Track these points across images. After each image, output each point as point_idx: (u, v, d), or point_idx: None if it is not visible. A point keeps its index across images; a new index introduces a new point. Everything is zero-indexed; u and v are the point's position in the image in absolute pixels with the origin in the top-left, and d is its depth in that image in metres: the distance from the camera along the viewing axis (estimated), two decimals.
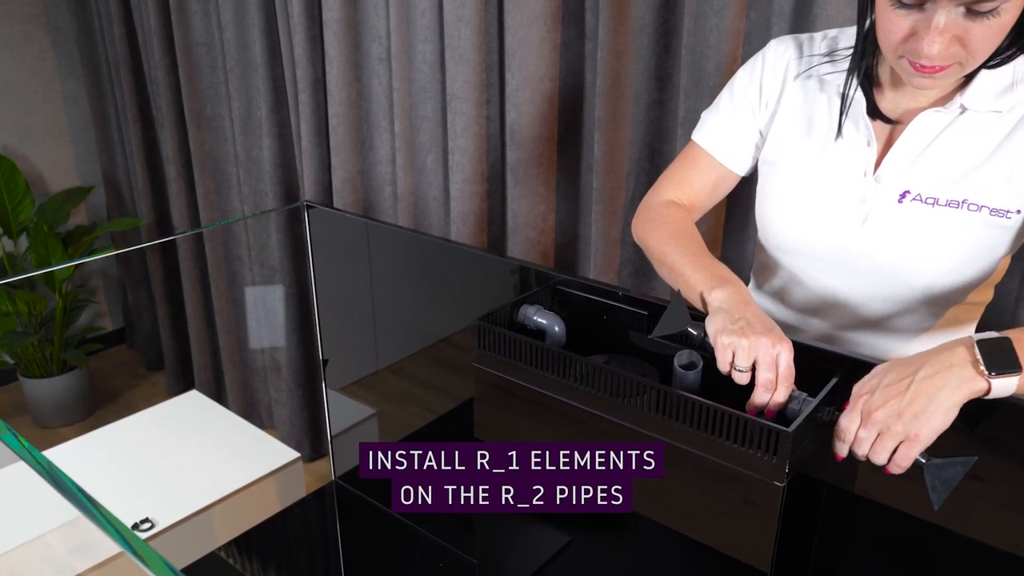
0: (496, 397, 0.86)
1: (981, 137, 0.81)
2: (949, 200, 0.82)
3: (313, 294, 1.30)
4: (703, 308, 0.79)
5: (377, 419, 1.58)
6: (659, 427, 0.73)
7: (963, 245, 0.83)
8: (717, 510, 0.72)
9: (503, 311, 0.88)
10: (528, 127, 1.59)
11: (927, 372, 0.64)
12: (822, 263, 0.92)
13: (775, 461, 0.66)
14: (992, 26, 0.70)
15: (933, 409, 0.63)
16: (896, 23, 0.73)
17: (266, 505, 1.61)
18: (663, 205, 0.97)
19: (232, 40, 2.11)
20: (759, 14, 1.35)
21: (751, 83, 0.95)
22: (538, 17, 1.52)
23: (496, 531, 0.96)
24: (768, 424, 0.65)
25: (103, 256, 3.00)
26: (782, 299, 1.00)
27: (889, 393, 0.65)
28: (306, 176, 2.02)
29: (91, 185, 2.91)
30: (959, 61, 0.73)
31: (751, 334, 0.71)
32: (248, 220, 2.29)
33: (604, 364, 0.75)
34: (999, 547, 0.73)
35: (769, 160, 0.95)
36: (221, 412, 1.90)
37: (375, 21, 1.79)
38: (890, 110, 0.85)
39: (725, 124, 0.97)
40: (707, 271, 0.81)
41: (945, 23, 0.70)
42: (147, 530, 1.50)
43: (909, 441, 0.63)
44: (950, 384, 0.63)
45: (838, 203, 0.88)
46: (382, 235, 1.32)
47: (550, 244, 1.71)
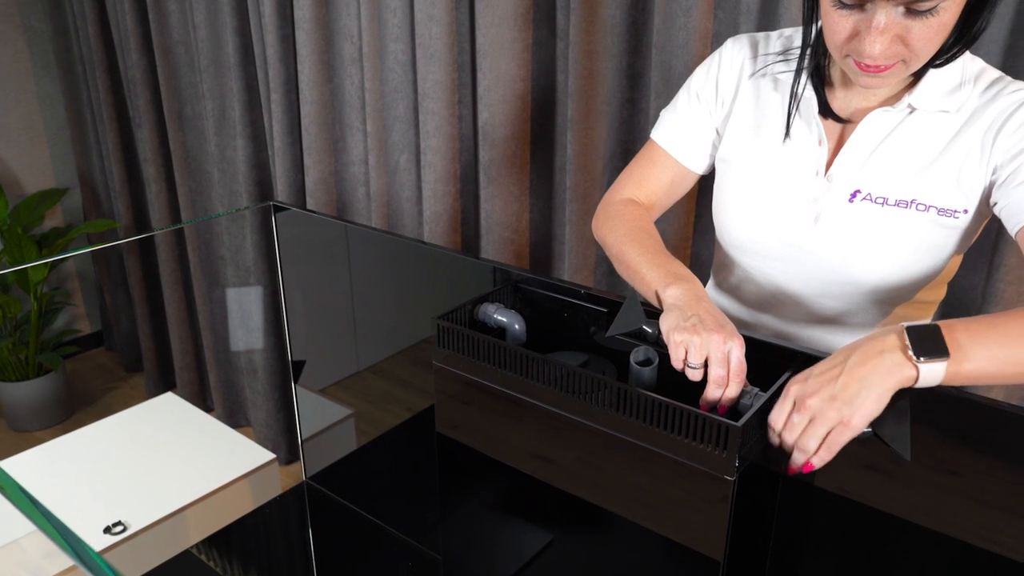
0: (456, 395, 0.86)
1: (930, 137, 0.82)
2: (898, 200, 0.83)
3: (281, 295, 1.30)
4: (659, 305, 0.80)
5: (354, 419, 1.58)
6: (615, 423, 0.73)
7: (912, 245, 0.83)
8: (673, 504, 0.72)
9: (463, 310, 0.88)
10: (500, 127, 1.60)
11: (858, 359, 0.64)
12: (775, 261, 0.93)
13: (725, 455, 0.66)
14: (932, 25, 0.71)
15: (866, 394, 0.63)
16: (839, 23, 0.74)
17: (240, 507, 1.61)
18: (621, 203, 0.97)
19: (205, 39, 2.10)
20: (727, 13, 1.36)
21: (707, 81, 0.96)
22: (509, 17, 1.53)
23: (459, 528, 0.96)
24: (717, 419, 0.66)
25: (74, 254, 2.97)
26: (737, 296, 1.01)
27: (822, 380, 0.65)
28: (279, 177, 2.01)
29: (66, 187, 2.88)
30: (903, 60, 0.74)
31: (703, 331, 0.72)
32: (224, 222, 2.28)
33: (561, 361, 0.75)
34: (954, 536, 0.74)
35: (724, 158, 0.96)
36: (197, 414, 1.89)
37: (347, 20, 1.79)
38: (841, 109, 0.86)
39: (682, 122, 0.98)
40: (662, 268, 0.82)
41: (886, 23, 0.71)
42: (119, 533, 1.49)
43: (842, 426, 0.63)
44: (881, 369, 0.63)
45: (790, 202, 0.89)
46: (353, 235, 1.32)
47: (524, 244, 1.71)
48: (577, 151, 1.51)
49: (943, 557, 0.75)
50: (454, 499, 0.94)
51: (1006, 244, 1.14)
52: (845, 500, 0.79)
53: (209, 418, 1.87)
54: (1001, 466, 0.70)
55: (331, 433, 1.55)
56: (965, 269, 1.26)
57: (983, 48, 1.15)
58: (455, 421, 0.88)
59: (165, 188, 2.44)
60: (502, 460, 0.85)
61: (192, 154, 2.34)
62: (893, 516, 0.75)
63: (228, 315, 2.43)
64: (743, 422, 0.65)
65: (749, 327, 0.98)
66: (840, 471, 0.70)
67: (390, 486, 1.31)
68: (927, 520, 0.74)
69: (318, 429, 1.52)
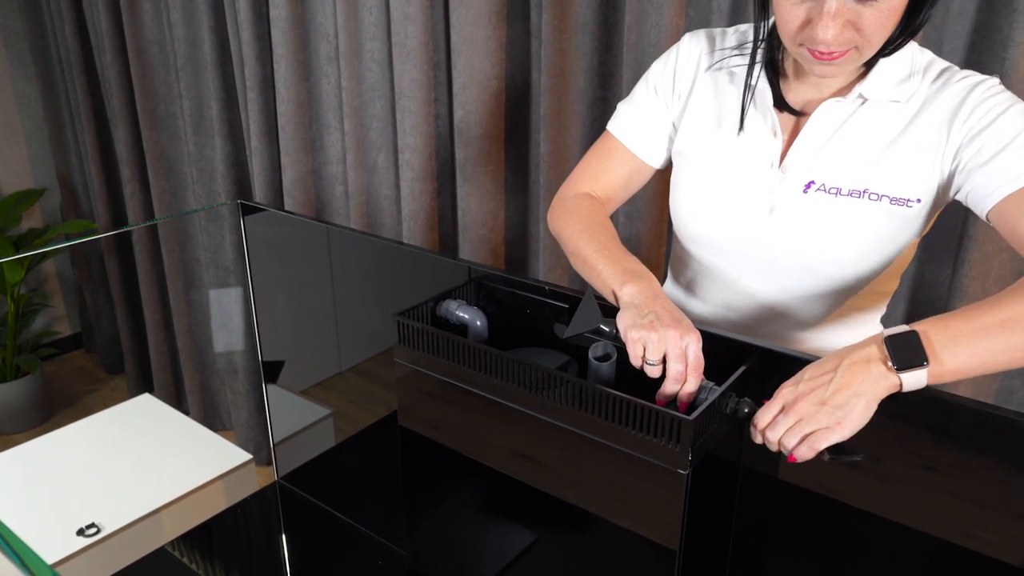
0: (417, 390, 0.86)
1: (881, 127, 0.83)
2: (851, 190, 0.83)
3: (250, 294, 1.29)
4: (615, 303, 0.80)
5: (333, 419, 1.57)
6: (573, 419, 0.73)
7: (866, 235, 0.84)
8: (630, 498, 0.73)
9: (425, 307, 0.88)
10: (476, 125, 1.60)
11: (848, 367, 0.65)
12: (730, 254, 0.93)
13: (679, 449, 0.67)
14: (883, 9, 0.72)
15: (855, 402, 0.64)
16: (792, 12, 0.75)
17: (215, 508, 1.60)
18: (578, 197, 0.97)
19: (182, 38, 2.09)
20: (698, 12, 1.36)
21: (664, 75, 0.96)
22: (483, 15, 1.53)
23: (422, 523, 0.96)
24: (670, 413, 0.66)
25: (42, 251, 2.92)
26: (693, 290, 1.02)
27: (813, 384, 0.66)
28: (256, 176, 2.00)
29: (44, 187, 2.86)
30: (855, 46, 0.75)
31: (660, 327, 0.72)
32: (200, 222, 2.27)
33: (519, 358, 0.75)
34: (910, 525, 0.74)
35: (680, 151, 0.96)
36: (174, 415, 1.88)
37: (323, 19, 1.78)
38: (794, 101, 0.87)
39: (639, 115, 0.98)
40: (619, 266, 0.82)
41: (837, 8, 0.72)
42: (93, 535, 1.48)
43: (828, 430, 0.64)
44: (868, 379, 0.64)
45: (745, 194, 0.89)
46: (322, 234, 1.31)
47: (500, 241, 1.71)
48: (550, 149, 1.52)
49: (907, 548, 0.76)
50: (417, 495, 0.94)
51: (970, 240, 1.15)
52: (808, 492, 0.80)
53: (185, 419, 1.86)
54: (963, 460, 0.71)
55: (308, 433, 1.54)
56: (931, 265, 1.27)
57: (947, 45, 1.16)
58: (417, 417, 0.88)
59: (140, 189, 2.43)
60: (464, 456, 0.85)
61: (167, 154, 2.33)
62: (854, 508, 0.76)
63: (206, 316, 2.42)
64: (695, 416, 0.65)
65: (705, 321, 0.99)
66: (803, 464, 0.70)
67: (362, 485, 1.30)
68: (885, 510, 0.74)
69: (296, 429, 1.52)
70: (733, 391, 0.72)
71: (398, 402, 0.88)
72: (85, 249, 2.84)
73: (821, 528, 0.78)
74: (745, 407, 0.71)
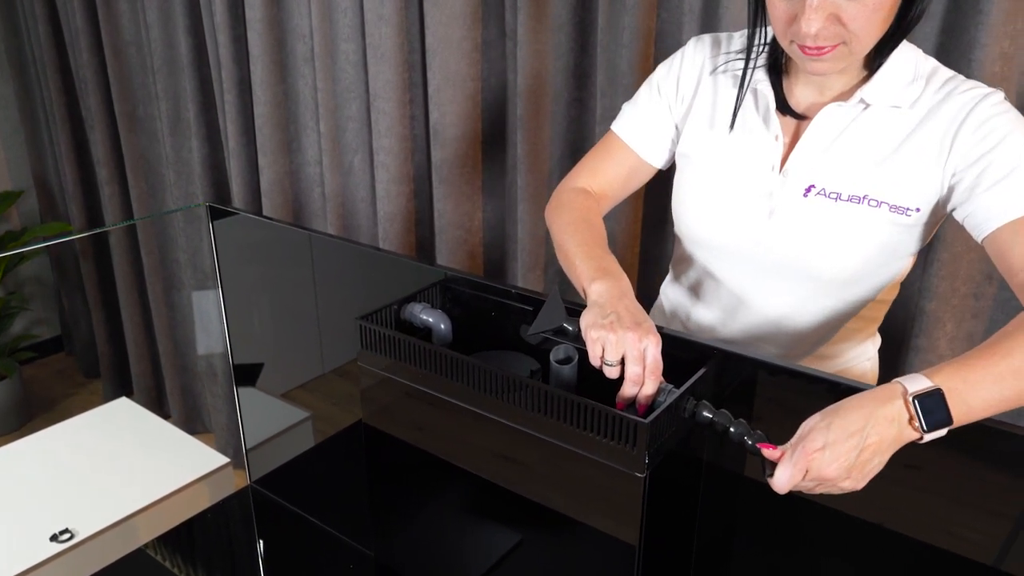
0: (381, 393, 0.86)
1: (884, 133, 0.83)
2: (851, 195, 0.83)
3: (220, 297, 1.29)
4: (585, 299, 0.80)
5: (312, 422, 1.56)
6: (534, 422, 0.73)
7: (864, 241, 0.84)
8: (593, 500, 0.73)
9: (388, 310, 0.87)
10: (451, 126, 1.59)
11: (874, 427, 0.63)
12: (732, 257, 0.93)
13: (635, 452, 0.67)
14: (867, 4, 0.72)
15: (878, 462, 0.64)
16: (779, 8, 0.76)
17: (191, 512, 1.59)
18: (573, 192, 0.98)
19: (158, 40, 2.07)
20: (670, 13, 1.37)
21: (669, 77, 0.96)
22: (458, 16, 1.52)
23: (388, 524, 0.96)
24: (626, 416, 0.66)
25: (12, 253, 2.89)
26: (696, 292, 1.02)
27: (839, 451, 0.63)
28: (234, 178, 1.99)
29: (21, 189, 2.83)
30: (844, 41, 0.75)
31: (619, 328, 0.72)
32: (179, 224, 2.25)
33: (478, 362, 0.75)
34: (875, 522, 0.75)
35: (684, 153, 0.96)
36: (150, 418, 1.86)
37: (298, 20, 1.77)
38: (796, 104, 0.87)
39: (643, 116, 0.98)
40: (593, 262, 0.82)
41: (819, 2, 0.72)
42: (66, 540, 1.47)
43: (847, 486, 0.64)
44: (896, 441, 0.64)
45: (746, 197, 0.89)
46: (290, 237, 1.31)
47: (478, 243, 1.71)
48: (526, 150, 1.51)
49: (878, 546, 0.76)
50: (382, 497, 0.93)
51: (939, 241, 1.16)
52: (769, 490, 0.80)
53: (162, 423, 1.85)
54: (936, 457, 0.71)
55: (286, 436, 1.53)
56: None
57: (915, 46, 1.17)
58: (382, 420, 0.88)
59: (118, 191, 2.41)
60: (429, 458, 0.85)
61: (145, 156, 2.31)
62: (825, 507, 0.76)
63: (185, 319, 2.40)
64: (651, 419, 0.65)
65: (712, 332, 0.99)
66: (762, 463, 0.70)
67: (334, 488, 1.30)
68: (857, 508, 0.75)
69: (272, 433, 1.51)
70: (691, 394, 0.72)
71: (362, 405, 0.88)
72: (62, 251, 2.81)
73: (789, 527, 0.79)
74: (705, 410, 0.71)
